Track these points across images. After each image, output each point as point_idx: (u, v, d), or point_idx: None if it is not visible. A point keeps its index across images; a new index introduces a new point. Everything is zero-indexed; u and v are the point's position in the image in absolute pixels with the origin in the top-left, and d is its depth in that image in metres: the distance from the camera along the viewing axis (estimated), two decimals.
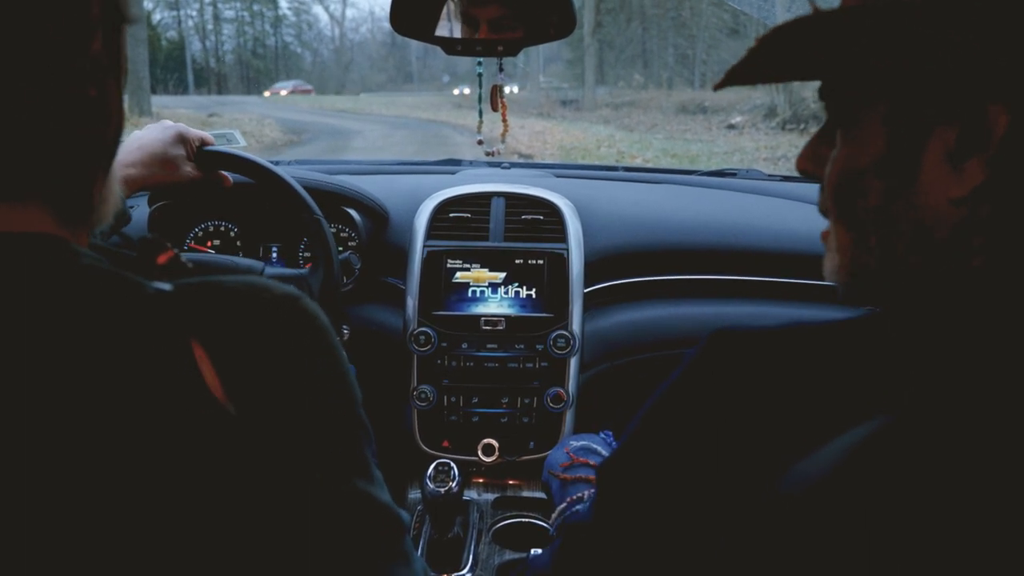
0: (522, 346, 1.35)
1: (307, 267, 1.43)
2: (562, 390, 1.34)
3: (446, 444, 1.36)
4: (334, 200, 1.37)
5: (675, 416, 0.55)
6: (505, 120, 1.31)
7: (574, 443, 0.97)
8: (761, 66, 0.47)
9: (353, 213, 1.39)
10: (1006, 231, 0.45)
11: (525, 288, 1.37)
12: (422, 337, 1.35)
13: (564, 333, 1.34)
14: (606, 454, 0.94)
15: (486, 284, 1.37)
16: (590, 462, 0.92)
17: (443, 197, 1.44)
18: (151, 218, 1.35)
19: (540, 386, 1.35)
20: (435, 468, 1.15)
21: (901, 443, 0.44)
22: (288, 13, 49.01)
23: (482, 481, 1.39)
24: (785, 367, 0.51)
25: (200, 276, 0.49)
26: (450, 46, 1.15)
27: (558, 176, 1.69)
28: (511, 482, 1.39)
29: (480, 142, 1.40)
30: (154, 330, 0.44)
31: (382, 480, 0.52)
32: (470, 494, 1.35)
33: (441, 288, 1.37)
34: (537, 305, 1.36)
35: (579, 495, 0.87)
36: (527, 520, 1.30)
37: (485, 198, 1.44)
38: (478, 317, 1.36)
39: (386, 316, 1.42)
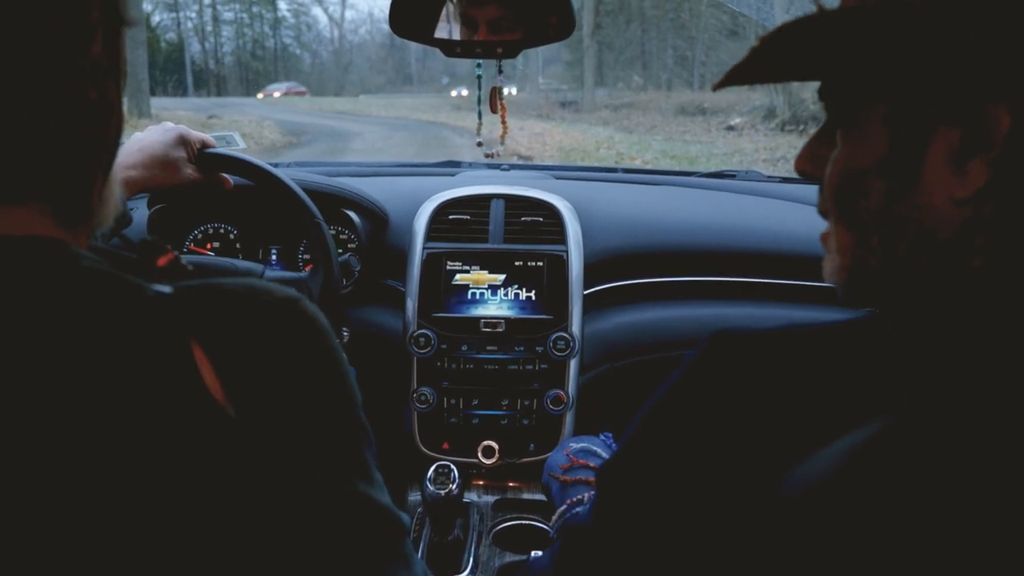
0: (522, 348, 1.35)
1: (307, 269, 1.44)
2: (562, 392, 1.34)
3: (446, 446, 1.36)
4: (334, 202, 1.37)
5: (675, 418, 0.55)
6: (504, 122, 1.31)
7: (574, 445, 0.97)
8: (763, 66, 0.47)
9: (353, 215, 1.39)
10: (1008, 231, 0.45)
11: (525, 290, 1.37)
12: (422, 339, 1.35)
13: (564, 335, 1.34)
14: (606, 456, 0.94)
15: (486, 286, 1.37)
16: (590, 464, 0.92)
17: (443, 199, 1.44)
18: (150, 220, 1.35)
19: (540, 388, 1.35)
20: (435, 470, 1.15)
21: (901, 445, 0.44)
22: (287, 15, 49.09)
23: (482, 483, 1.39)
24: (785, 369, 0.51)
25: (200, 279, 0.49)
26: (449, 48, 1.15)
27: (557, 178, 1.69)
28: (511, 484, 1.39)
29: (480, 144, 1.40)
30: (154, 332, 0.44)
31: (382, 482, 0.52)
32: (470, 496, 1.35)
33: (441, 290, 1.37)
34: (537, 307, 1.36)
35: (579, 497, 0.87)
36: (527, 522, 1.30)
37: (485, 200, 1.44)
38: (478, 319, 1.36)
39: (386, 318, 1.42)
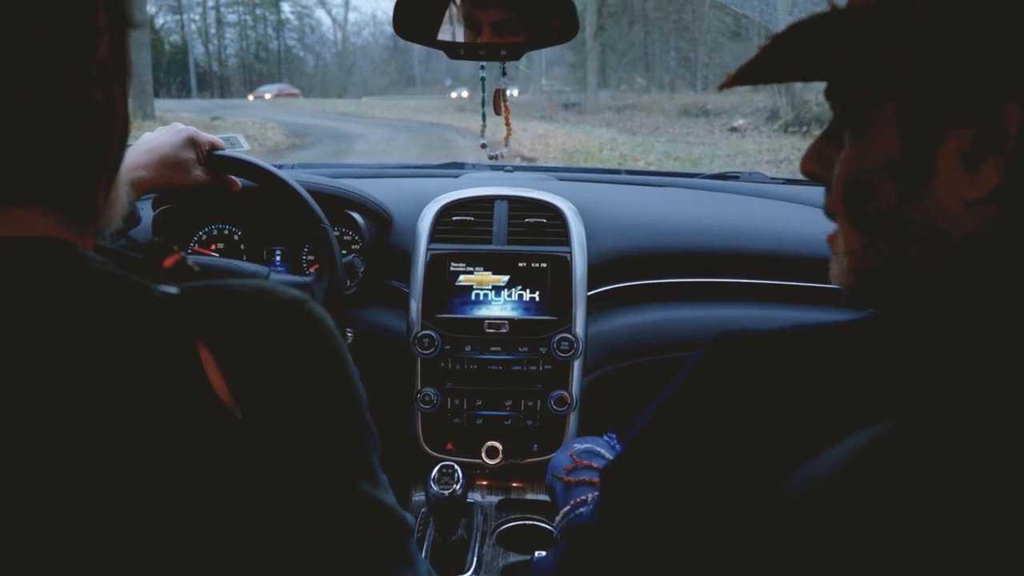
0: (525, 349, 1.35)
1: (312, 270, 1.44)
2: (566, 393, 1.34)
3: (450, 447, 1.36)
4: (338, 204, 1.38)
5: (679, 419, 0.55)
6: (508, 124, 1.31)
7: (578, 446, 0.97)
8: (774, 65, 0.47)
9: (357, 217, 1.40)
10: (1019, 233, 0.45)
11: (528, 291, 1.37)
12: (426, 340, 1.35)
13: (567, 336, 1.34)
14: (610, 457, 0.94)
15: (489, 287, 1.37)
16: (594, 465, 0.92)
17: (446, 200, 1.44)
18: (155, 221, 1.35)
19: (544, 389, 1.35)
20: (439, 470, 1.15)
21: (905, 446, 0.44)
22: (291, 17, 49.18)
23: (486, 483, 1.39)
24: (789, 370, 0.51)
25: (206, 280, 0.50)
26: (453, 50, 1.15)
27: (561, 179, 1.70)
28: (515, 484, 1.39)
29: (483, 145, 1.40)
30: (160, 333, 0.44)
31: (387, 483, 0.52)
32: (474, 496, 1.35)
33: (444, 291, 1.37)
34: (540, 308, 1.36)
35: (583, 498, 0.87)
36: (531, 523, 1.30)
37: (488, 201, 1.44)
38: (482, 320, 1.36)
39: (390, 319, 1.42)
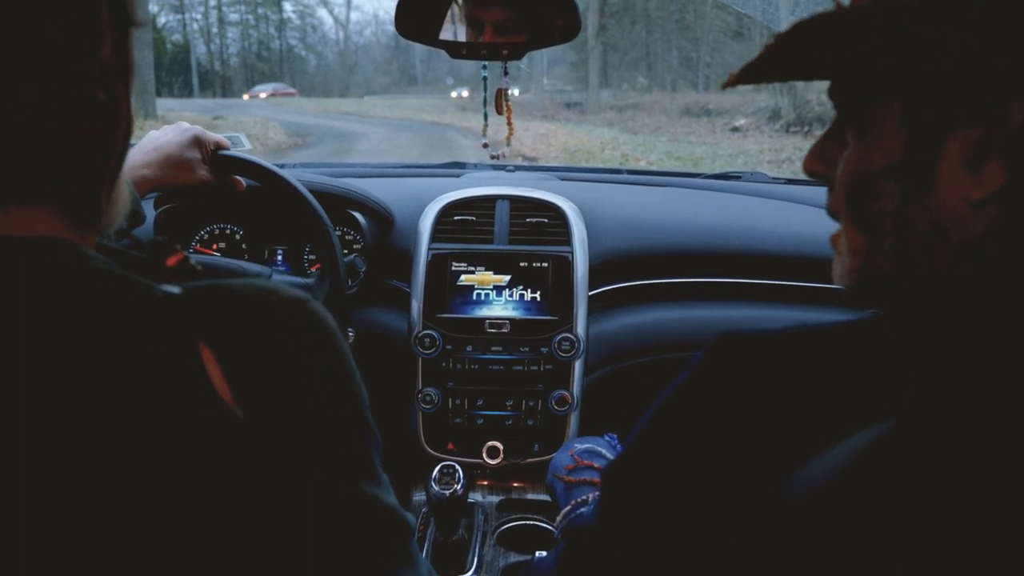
0: (527, 349, 1.35)
1: (314, 269, 1.44)
2: (567, 393, 1.34)
3: (451, 447, 1.36)
4: (339, 203, 1.38)
5: (680, 419, 0.55)
6: (510, 123, 1.31)
7: (579, 446, 0.97)
8: (777, 64, 0.47)
9: (358, 216, 1.40)
10: (1021, 233, 0.45)
11: (530, 291, 1.37)
12: (427, 340, 1.35)
13: (569, 336, 1.34)
14: (611, 457, 0.94)
15: (491, 287, 1.37)
16: (595, 465, 0.92)
17: (448, 200, 1.44)
18: (157, 220, 1.35)
19: (545, 389, 1.35)
20: (440, 470, 1.15)
21: (907, 446, 0.44)
22: (292, 16, 49.16)
23: (487, 483, 1.39)
24: (791, 370, 0.51)
25: (208, 279, 0.50)
26: (455, 50, 1.15)
27: (562, 179, 1.70)
28: (516, 484, 1.39)
29: (485, 145, 1.40)
30: (162, 333, 0.44)
31: (388, 483, 0.52)
32: (475, 496, 1.35)
33: (446, 291, 1.37)
34: (542, 308, 1.36)
35: (584, 498, 0.87)
36: (532, 523, 1.30)
37: (490, 201, 1.44)
38: (483, 320, 1.36)
39: (391, 319, 1.42)
